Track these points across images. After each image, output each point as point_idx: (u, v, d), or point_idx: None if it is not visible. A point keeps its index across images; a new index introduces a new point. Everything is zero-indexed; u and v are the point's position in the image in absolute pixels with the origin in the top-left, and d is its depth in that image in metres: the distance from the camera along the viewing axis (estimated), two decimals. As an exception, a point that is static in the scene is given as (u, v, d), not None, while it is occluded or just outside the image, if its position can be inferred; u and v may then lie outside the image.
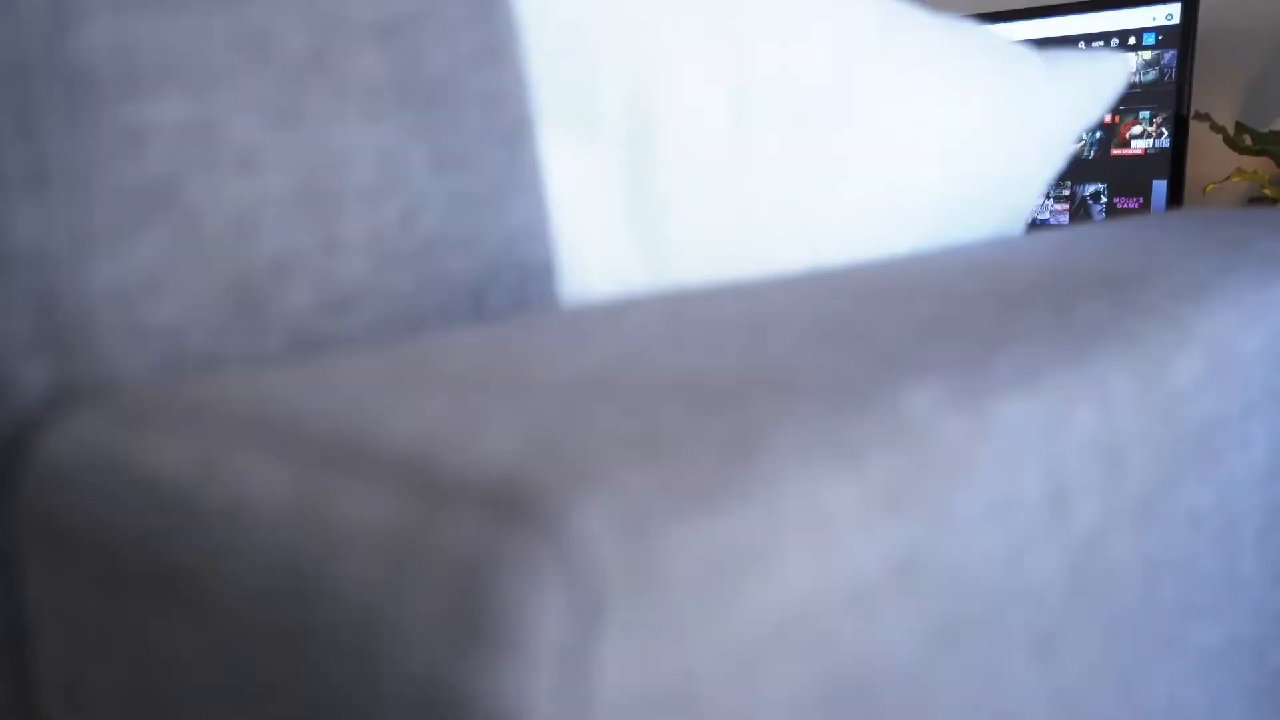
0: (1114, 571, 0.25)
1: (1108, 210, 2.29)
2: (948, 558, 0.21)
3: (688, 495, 0.19)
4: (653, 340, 0.24)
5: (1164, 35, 2.18)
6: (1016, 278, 0.32)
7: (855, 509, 0.20)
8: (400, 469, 0.20)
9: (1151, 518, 0.27)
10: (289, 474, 0.20)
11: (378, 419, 0.21)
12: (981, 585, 0.21)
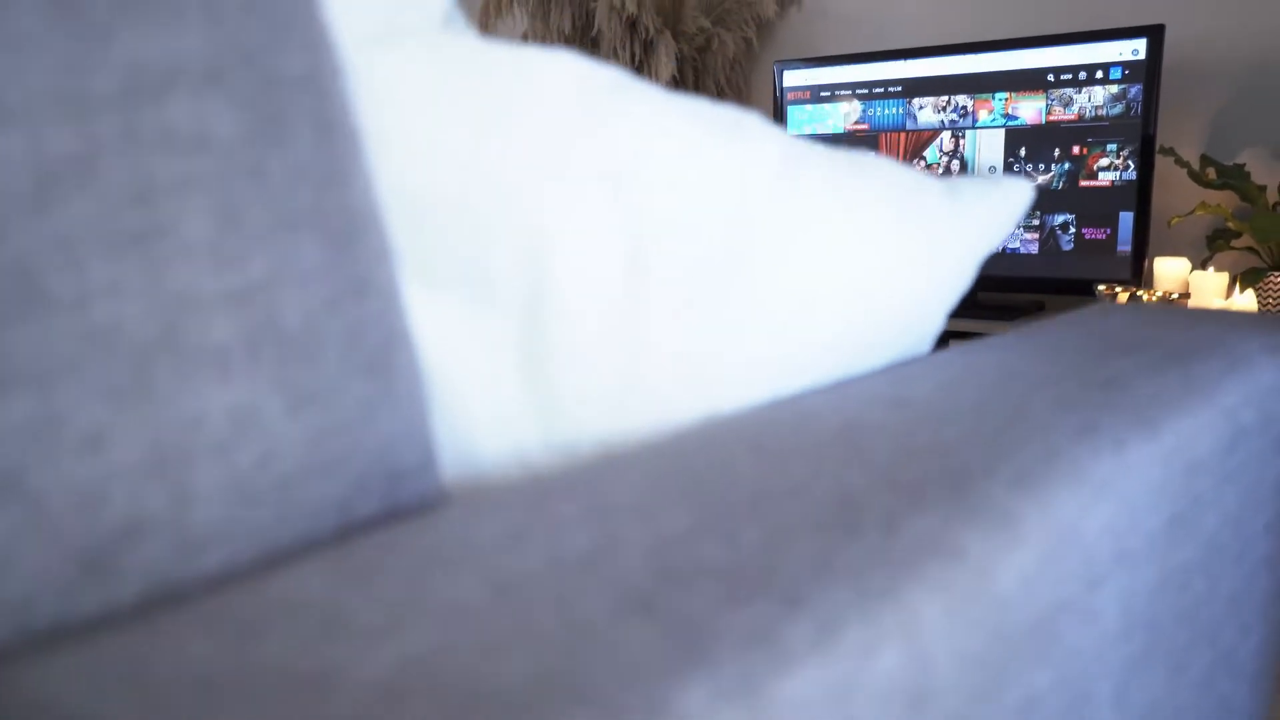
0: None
1: (1075, 240, 2.32)
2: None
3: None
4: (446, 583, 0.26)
5: (1130, 70, 2.21)
6: (853, 479, 0.34)
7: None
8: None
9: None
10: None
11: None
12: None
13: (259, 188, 0.24)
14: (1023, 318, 2.37)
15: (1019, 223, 2.40)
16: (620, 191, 0.42)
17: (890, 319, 0.50)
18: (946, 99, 2.47)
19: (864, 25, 2.85)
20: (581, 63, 0.43)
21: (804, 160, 0.48)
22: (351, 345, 0.28)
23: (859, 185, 0.49)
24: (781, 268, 0.46)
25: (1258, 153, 2.30)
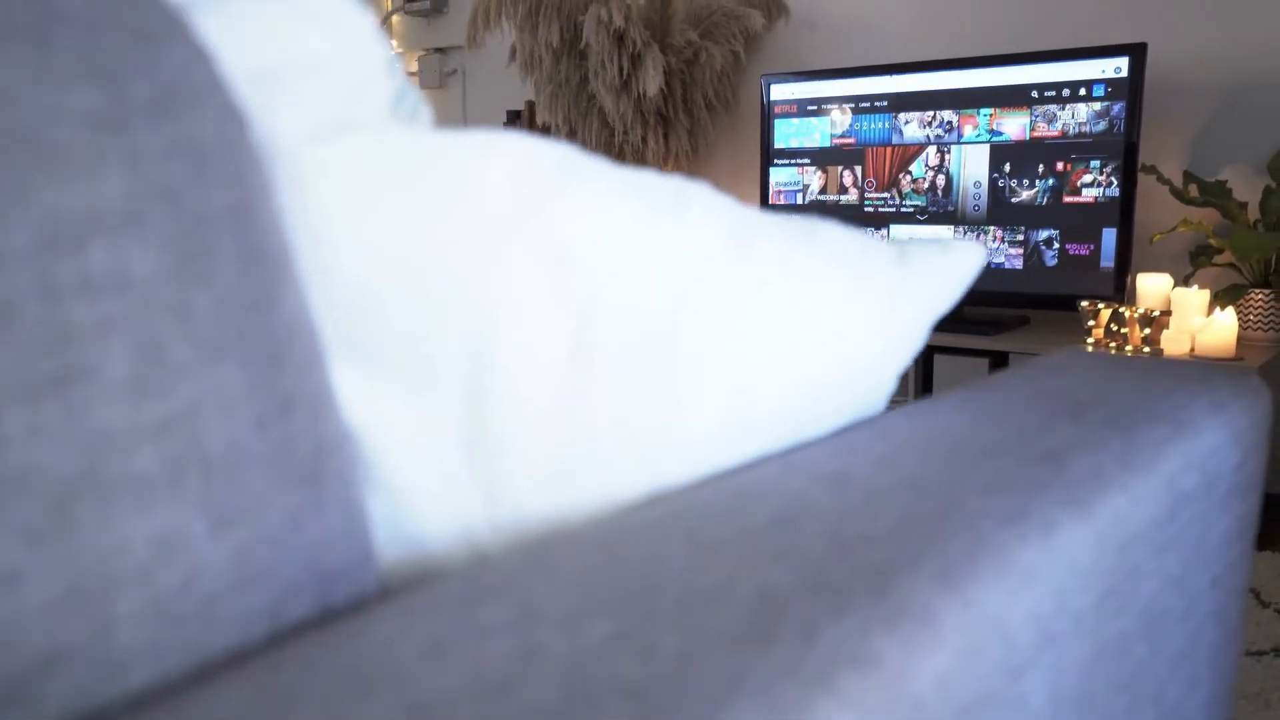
0: None
1: (1059, 256, 2.34)
2: None
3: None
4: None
5: (1113, 87, 2.23)
6: (780, 578, 0.34)
7: None
8: None
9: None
10: None
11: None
12: None
13: (181, 322, 0.25)
14: (1007, 332, 2.39)
15: (1008, 240, 2.41)
16: (565, 272, 0.43)
17: (840, 386, 0.51)
18: (932, 114, 2.48)
19: (851, 39, 2.86)
20: (526, 144, 0.44)
21: (752, 231, 0.49)
22: (278, 461, 0.29)
23: (808, 254, 0.50)
24: (728, 340, 0.46)
25: (1239, 169, 2.32)
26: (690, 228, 0.47)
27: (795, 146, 2.71)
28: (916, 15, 2.74)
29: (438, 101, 3.89)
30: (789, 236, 0.50)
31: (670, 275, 0.45)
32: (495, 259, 0.41)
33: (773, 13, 2.95)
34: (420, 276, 0.39)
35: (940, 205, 2.50)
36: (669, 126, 2.91)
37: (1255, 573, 1.85)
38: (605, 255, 0.43)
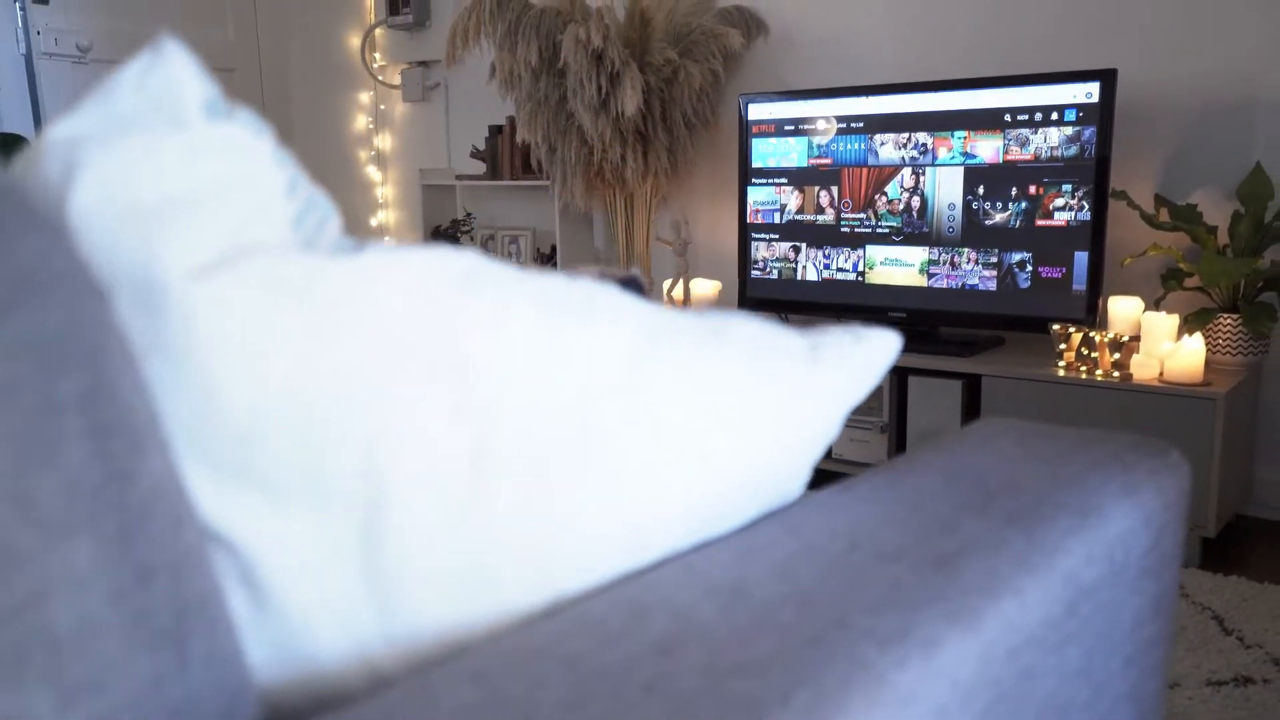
0: None
1: (1032, 278, 2.35)
2: None
3: None
4: None
5: (1084, 112, 2.24)
6: (652, 713, 0.35)
7: None
8: None
9: None
10: None
11: None
12: None
13: (22, 512, 0.26)
14: (982, 353, 2.40)
15: (981, 262, 2.42)
16: (465, 387, 0.43)
17: (749, 482, 0.52)
18: (907, 136, 2.49)
19: (829, 58, 2.87)
20: (428, 259, 0.45)
21: (659, 334, 0.50)
22: (135, 628, 0.30)
23: (716, 356, 0.51)
24: (633, 445, 0.47)
25: (1209, 193, 2.34)
26: (596, 334, 0.48)
27: (773, 166, 2.72)
28: (894, 35, 2.76)
29: (421, 115, 3.89)
30: (698, 337, 0.51)
31: (574, 384, 0.46)
32: (392, 379, 0.42)
33: (752, 31, 2.96)
34: (312, 403, 0.40)
35: (915, 226, 2.51)
36: (648, 144, 2.92)
37: (1220, 599, 1.87)
38: (507, 368, 0.44)
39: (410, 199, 3.95)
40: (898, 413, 2.44)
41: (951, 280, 2.47)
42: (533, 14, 2.83)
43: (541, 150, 2.98)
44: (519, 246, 3.49)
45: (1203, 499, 2.02)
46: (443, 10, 3.68)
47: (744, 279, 2.80)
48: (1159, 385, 2.06)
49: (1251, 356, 2.16)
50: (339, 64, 3.88)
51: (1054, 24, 2.50)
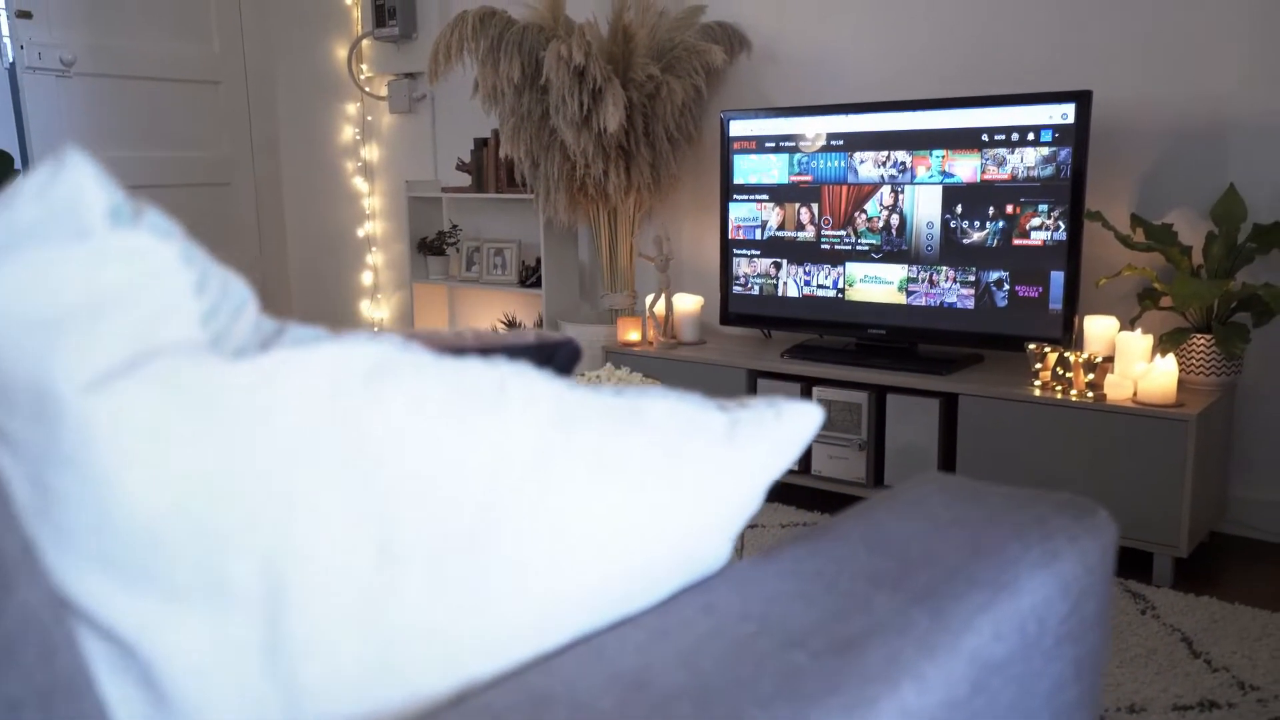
0: None
1: (1009, 297, 2.36)
2: None
3: None
4: None
5: (1060, 133, 2.26)
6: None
7: None
8: None
9: None
10: None
11: None
12: None
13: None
14: (960, 370, 2.42)
15: (959, 280, 2.43)
16: (369, 482, 0.44)
17: (664, 561, 0.53)
18: (886, 154, 2.51)
19: (811, 74, 2.89)
20: (336, 354, 0.45)
21: (573, 419, 0.51)
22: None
23: (631, 438, 0.52)
24: (542, 532, 0.48)
25: (1185, 212, 2.35)
26: (506, 422, 0.48)
27: (754, 183, 2.73)
28: (875, 53, 2.77)
29: (407, 126, 3.90)
30: (613, 421, 0.52)
31: (481, 475, 0.47)
32: (294, 479, 0.42)
33: (735, 47, 2.97)
34: (212, 505, 0.41)
35: (894, 244, 2.53)
36: (630, 160, 2.93)
37: (1189, 620, 1.88)
38: (413, 461, 0.45)
39: (397, 210, 3.96)
40: (876, 430, 2.45)
41: (930, 298, 2.49)
42: (515, 30, 2.84)
43: (525, 165, 2.99)
44: (504, 259, 3.50)
45: (1175, 520, 2.03)
46: (429, 22, 3.69)
47: (725, 294, 2.82)
48: (1132, 406, 2.07)
49: (1225, 376, 2.17)
50: (326, 75, 3.89)
51: (1033, 44, 2.51)
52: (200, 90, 3.51)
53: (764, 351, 2.72)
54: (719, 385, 2.65)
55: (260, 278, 3.74)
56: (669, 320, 2.87)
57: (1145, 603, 1.96)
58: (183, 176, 3.47)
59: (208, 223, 3.57)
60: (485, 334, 0.67)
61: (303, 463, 0.42)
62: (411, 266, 3.64)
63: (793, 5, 2.89)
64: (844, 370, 2.47)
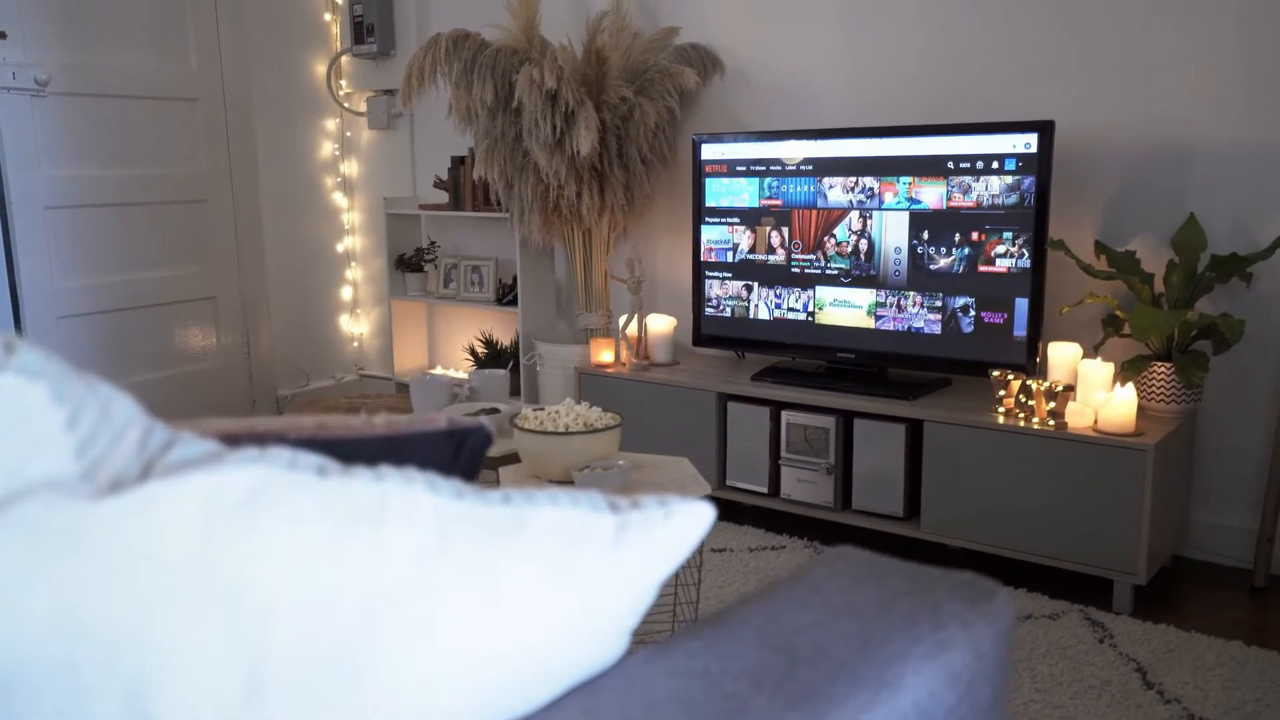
0: None
1: (975, 323, 2.38)
2: None
3: None
4: None
5: (1023, 162, 2.28)
6: None
7: None
8: None
9: None
10: None
11: None
12: None
13: None
14: (927, 395, 2.43)
15: (927, 305, 2.44)
16: (239, 613, 0.45)
17: (550, 668, 0.54)
18: (855, 180, 2.52)
19: (784, 98, 2.90)
20: (215, 480, 0.47)
21: (454, 533, 0.52)
22: None
23: (514, 551, 0.53)
24: (420, 652, 0.49)
25: (1148, 239, 2.37)
26: (384, 543, 0.50)
27: (725, 206, 2.75)
28: (847, 78, 2.79)
29: (386, 142, 3.91)
30: (496, 534, 0.53)
31: (357, 596, 0.48)
32: (161, 613, 0.44)
33: (708, 69, 2.99)
34: (74, 643, 0.42)
35: (863, 269, 2.54)
36: (604, 181, 2.94)
37: (1145, 649, 1.90)
38: (286, 589, 0.46)
39: (376, 225, 3.96)
40: (844, 455, 2.47)
41: (898, 323, 2.51)
42: (489, 53, 2.85)
43: (499, 186, 3.00)
44: (481, 276, 3.51)
45: (1133, 548, 2.05)
46: (407, 39, 3.70)
47: (698, 316, 2.83)
48: (1092, 435, 2.09)
49: (1186, 404, 2.20)
50: (305, 91, 3.89)
51: (1001, 72, 2.53)
52: (177, 107, 3.51)
53: (735, 374, 2.74)
54: (690, 408, 2.67)
55: (239, 294, 3.74)
56: (641, 341, 2.89)
57: (1103, 631, 1.98)
58: (159, 194, 3.47)
59: (185, 239, 3.57)
60: (397, 421, 0.68)
61: (170, 596, 0.44)
62: (390, 283, 3.65)
63: (765, 29, 2.90)
64: (812, 394, 2.49)
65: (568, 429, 1.67)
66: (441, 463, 0.68)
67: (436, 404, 1.99)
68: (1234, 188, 2.25)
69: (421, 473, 0.55)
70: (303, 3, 3.85)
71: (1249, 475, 2.31)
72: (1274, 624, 2.04)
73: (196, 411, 3.63)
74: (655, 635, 1.97)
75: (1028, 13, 2.47)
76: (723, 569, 2.31)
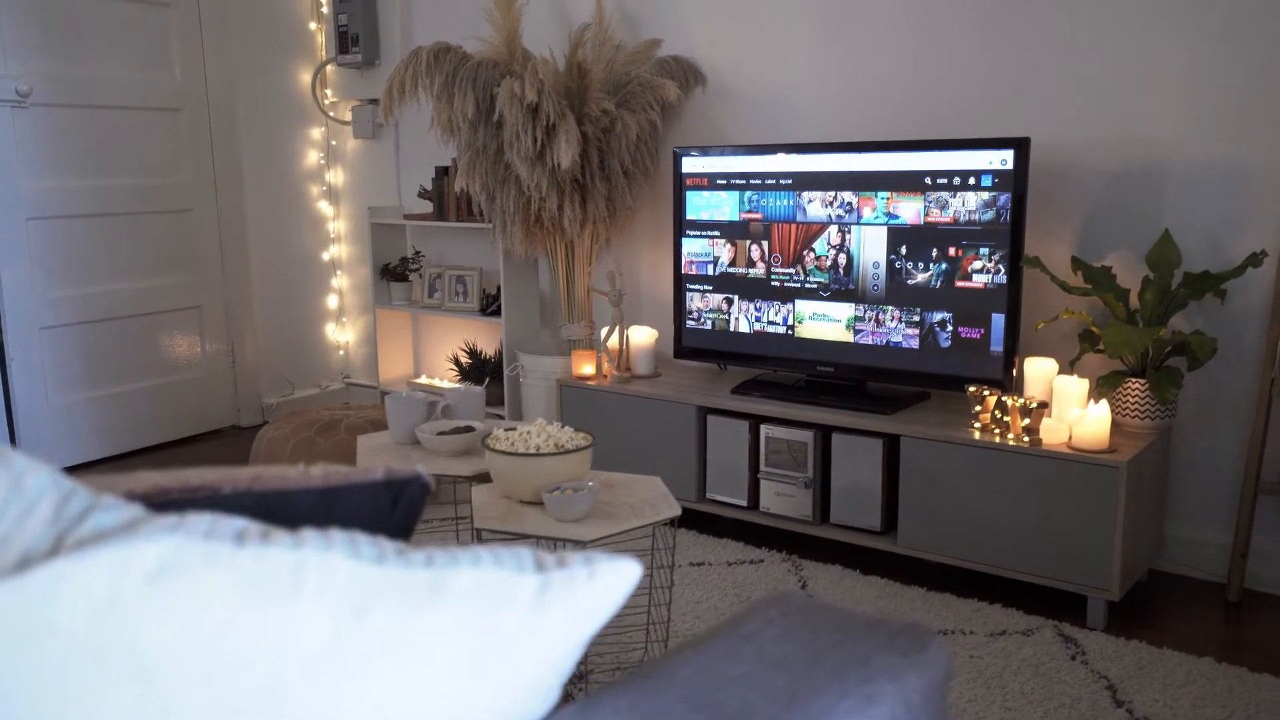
0: None
1: (953, 338, 2.39)
2: None
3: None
4: None
5: (1000, 178, 2.28)
6: None
7: None
8: None
9: None
10: None
11: None
12: None
13: None
14: (905, 409, 2.44)
15: (905, 320, 2.45)
16: (150, 684, 0.46)
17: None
18: (834, 194, 2.53)
19: (765, 110, 2.91)
20: (123, 554, 0.47)
21: (371, 601, 0.52)
22: None
23: (433, 615, 0.53)
24: (336, 719, 0.50)
25: (1124, 255, 2.38)
26: (296, 613, 0.50)
27: (706, 219, 2.76)
28: (827, 92, 2.79)
29: (371, 152, 3.91)
30: (414, 600, 0.53)
31: (269, 668, 0.48)
32: (63, 692, 0.44)
33: (690, 82, 2.99)
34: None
35: (842, 283, 2.55)
36: (586, 193, 2.95)
37: (1117, 665, 1.91)
38: (196, 660, 0.47)
39: (363, 234, 3.96)
40: (822, 469, 2.48)
41: (876, 337, 2.51)
42: (470, 65, 2.85)
43: (481, 198, 3.00)
44: (465, 286, 3.51)
45: (1106, 564, 2.06)
46: (392, 49, 3.70)
47: (679, 329, 2.84)
48: (1066, 451, 2.10)
49: (1160, 420, 2.21)
50: (291, 100, 3.89)
51: (980, 87, 2.54)
52: (161, 117, 3.51)
53: (716, 386, 2.75)
54: (670, 421, 2.67)
55: (223, 303, 3.74)
56: (623, 354, 2.89)
57: (1076, 647, 1.99)
58: (143, 204, 3.47)
59: (169, 249, 3.57)
60: (334, 472, 0.69)
61: (77, 674, 0.44)
62: (375, 292, 3.65)
63: (747, 42, 2.91)
64: (790, 408, 2.50)
65: (538, 450, 1.68)
66: (379, 513, 0.69)
67: (412, 421, 1.99)
68: (1208, 205, 2.26)
69: (345, 534, 0.55)
70: (288, 12, 3.85)
71: (1224, 490, 2.32)
72: (1246, 640, 2.05)
73: (180, 422, 3.63)
74: (629, 654, 1.98)
75: (1007, 31, 2.48)
76: (700, 583, 2.32)
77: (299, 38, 3.90)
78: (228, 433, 3.81)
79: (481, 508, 1.68)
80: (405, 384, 3.76)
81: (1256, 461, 2.19)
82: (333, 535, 0.54)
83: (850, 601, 2.22)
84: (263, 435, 2.85)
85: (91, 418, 3.42)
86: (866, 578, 2.34)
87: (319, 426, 2.78)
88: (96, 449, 3.44)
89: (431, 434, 1.93)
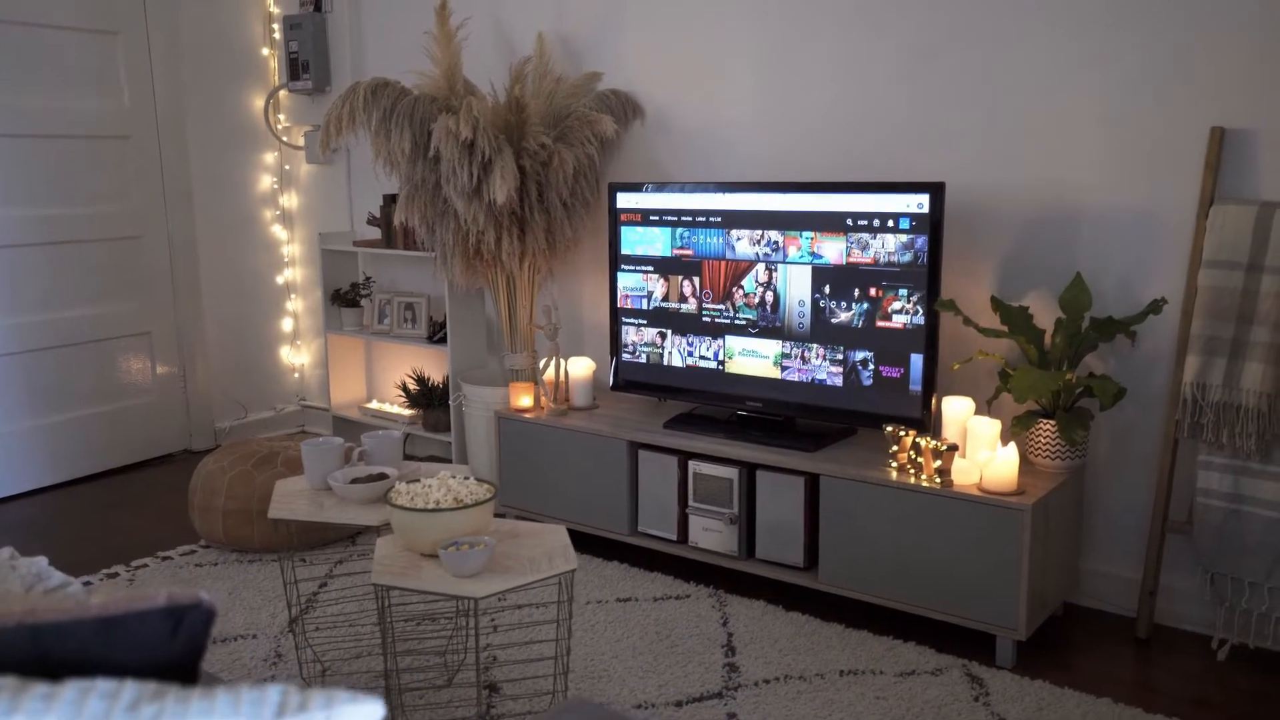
0: None
1: (874, 377, 2.43)
2: None
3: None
4: None
5: (917, 221, 2.32)
6: None
7: None
8: None
9: None
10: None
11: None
12: None
13: None
14: (829, 446, 2.48)
15: (829, 358, 2.48)
16: None
17: None
18: (761, 233, 2.57)
19: (701, 145, 2.94)
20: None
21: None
22: None
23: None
24: None
25: (1041, 295, 2.43)
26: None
27: (640, 254, 2.79)
28: (760, 130, 2.83)
29: (324, 177, 3.93)
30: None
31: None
32: None
33: (628, 115, 3.02)
34: None
35: (769, 320, 2.59)
36: (525, 226, 2.97)
37: (1016, 708, 1.95)
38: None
39: (316, 257, 3.99)
40: (748, 505, 2.51)
41: (803, 374, 2.55)
42: (407, 101, 2.88)
43: (421, 231, 3.03)
44: (414, 313, 3.53)
45: (1012, 604, 2.10)
46: (342, 76, 3.72)
47: (616, 361, 2.87)
48: (975, 493, 2.14)
49: (1071, 460, 2.25)
50: (244, 125, 3.91)
51: (906, 129, 2.58)
52: (109, 145, 3.52)
53: (650, 420, 2.78)
54: (603, 455, 2.70)
55: (174, 328, 3.76)
56: (559, 385, 2.92)
57: (980, 688, 2.03)
58: (93, 232, 3.48)
59: (119, 276, 3.58)
60: (113, 601, 0.71)
61: None
62: (326, 317, 3.67)
63: (682, 79, 2.94)
64: (717, 444, 2.53)
65: (438, 504, 1.71)
66: (159, 641, 0.71)
67: (327, 467, 2.02)
68: (1120, 248, 2.31)
69: (101, 688, 0.58)
70: (240, 39, 3.87)
71: (1134, 528, 2.36)
72: (1148, 679, 2.09)
73: (132, 447, 3.64)
74: (541, 696, 2.01)
75: (930, 76, 2.52)
76: (624, 621, 2.35)
77: (251, 63, 3.92)
78: (179, 457, 3.83)
79: (382, 560, 1.71)
80: (357, 408, 3.78)
81: (1164, 501, 2.24)
82: (87, 690, 0.57)
83: (770, 639, 2.25)
84: (201, 467, 2.87)
85: (43, 444, 3.43)
86: (788, 614, 2.38)
87: (256, 460, 2.80)
88: (47, 475, 3.45)
89: (344, 481, 1.96)
